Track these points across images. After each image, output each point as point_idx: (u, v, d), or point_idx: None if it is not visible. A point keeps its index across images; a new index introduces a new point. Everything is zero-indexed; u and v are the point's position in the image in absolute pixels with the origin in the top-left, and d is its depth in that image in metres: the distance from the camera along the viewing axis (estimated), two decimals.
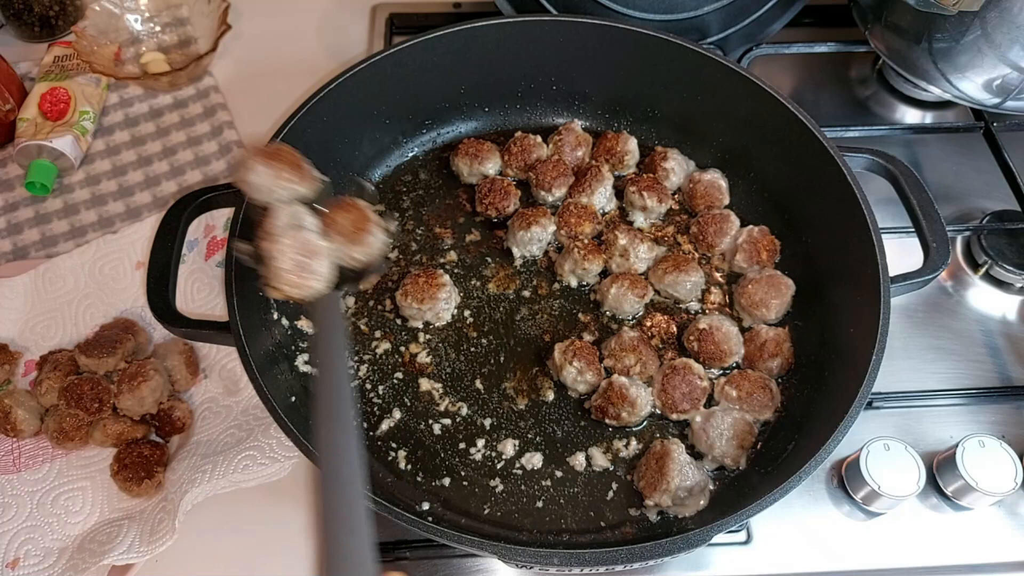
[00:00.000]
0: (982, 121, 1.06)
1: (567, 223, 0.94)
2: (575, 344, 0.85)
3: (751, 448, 0.81)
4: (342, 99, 0.91)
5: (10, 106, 1.09)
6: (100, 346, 0.87)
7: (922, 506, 0.84)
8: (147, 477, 0.81)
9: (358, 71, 0.91)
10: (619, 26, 0.95)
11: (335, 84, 0.90)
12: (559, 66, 1.01)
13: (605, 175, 0.97)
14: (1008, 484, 0.79)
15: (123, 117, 1.14)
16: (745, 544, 0.82)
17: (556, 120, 1.06)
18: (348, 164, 0.98)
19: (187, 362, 0.89)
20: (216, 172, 1.07)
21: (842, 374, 0.78)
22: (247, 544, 0.82)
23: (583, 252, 0.91)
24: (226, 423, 0.86)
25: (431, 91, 1.00)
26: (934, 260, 0.80)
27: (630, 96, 1.03)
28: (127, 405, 0.84)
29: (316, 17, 1.25)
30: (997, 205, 1.04)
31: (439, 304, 0.89)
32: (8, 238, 1.02)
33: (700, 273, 0.91)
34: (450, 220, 0.99)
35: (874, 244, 0.79)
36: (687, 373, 0.83)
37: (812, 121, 0.87)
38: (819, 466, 0.68)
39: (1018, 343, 0.95)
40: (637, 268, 0.92)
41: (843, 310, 0.84)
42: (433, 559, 0.81)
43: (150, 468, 0.82)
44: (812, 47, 1.14)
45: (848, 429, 0.69)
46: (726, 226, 0.94)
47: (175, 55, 1.20)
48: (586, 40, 0.97)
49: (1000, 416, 0.89)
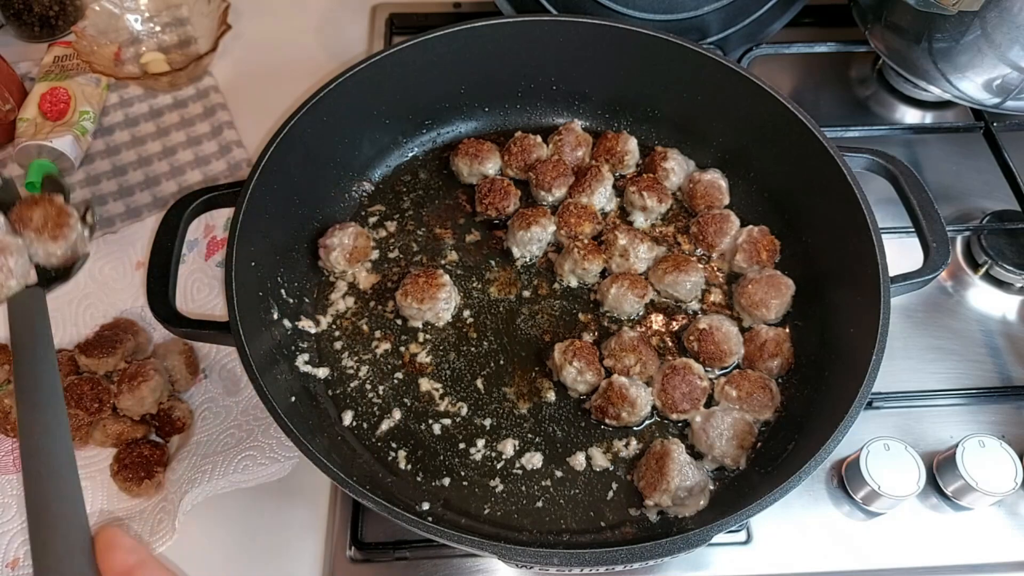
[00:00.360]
0: (982, 121, 1.06)
1: (567, 223, 0.94)
2: (575, 344, 0.85)
3: (751, 448, 0.81)
4: (342, 99, 0.91)
5: (10, 106, 1.09)
6: (100, 346, 0.87)
7: (922, 506, 0.84)
8: (147, 477, 0.81)
9: (358, 71, 0.91)
10: (619, 26, 0.95)
11: (335, 84, 0.90)
12: (559, 66, 1.00)
13: (605, 175, 0.97)
14: (1008, 484, 0.79)
15: (123, 117, 1.14)
16: (745, 544, 0.82)
17: (556, 120, 1.06)
18: (348, 164, 0.98)
19: (187, 362, 0.89)
20: (216, 172, 1.07)
21: (842, 374, 0.78)
22: (247, 544, 0.82)
23: (583, 252, 0.91)
24: (226, 423, 0.86)
25: (431, 91, 1.00)
26: (934, 260, 0.80)
27: (630, 96, 1.02)
28: (127, 405, 0.84)
29: (316, 17, 1.25)
30: (997, 205, 1.04)
31: (439, 304, 0.89)
32: None
33: (700, 273, 0.91)
34: (450, 220, 0.99)
35: (874, 244, 0.79)
36: (687, 373, 0.83)
37: (812, 121, 0.87)
38: (819, 466, 0.68)
39: (1018, 343, 0.95)
40: (637, 268, 0.92)
41: (843, 310, 0.84)
42: (433, 559, 0.81)
43: (150, 468, 0.82)
44: (812, 47, 1.14)
45: (848, 429, 0.69)
46: (726, 226, 0.94)
47: (175, 55, 1.20)
48: (586, 40, 0.97)
49: (1000, 416, 0.90)
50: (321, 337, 0.90)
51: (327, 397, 0.86)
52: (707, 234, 0.94)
